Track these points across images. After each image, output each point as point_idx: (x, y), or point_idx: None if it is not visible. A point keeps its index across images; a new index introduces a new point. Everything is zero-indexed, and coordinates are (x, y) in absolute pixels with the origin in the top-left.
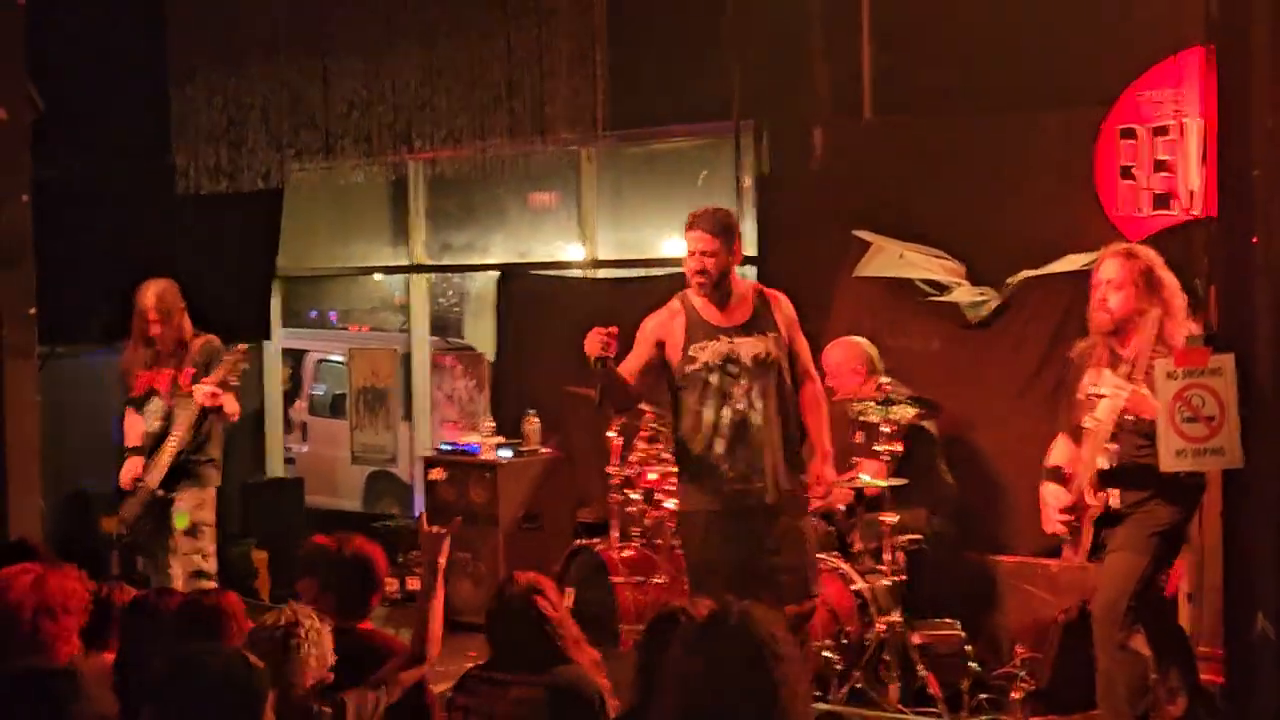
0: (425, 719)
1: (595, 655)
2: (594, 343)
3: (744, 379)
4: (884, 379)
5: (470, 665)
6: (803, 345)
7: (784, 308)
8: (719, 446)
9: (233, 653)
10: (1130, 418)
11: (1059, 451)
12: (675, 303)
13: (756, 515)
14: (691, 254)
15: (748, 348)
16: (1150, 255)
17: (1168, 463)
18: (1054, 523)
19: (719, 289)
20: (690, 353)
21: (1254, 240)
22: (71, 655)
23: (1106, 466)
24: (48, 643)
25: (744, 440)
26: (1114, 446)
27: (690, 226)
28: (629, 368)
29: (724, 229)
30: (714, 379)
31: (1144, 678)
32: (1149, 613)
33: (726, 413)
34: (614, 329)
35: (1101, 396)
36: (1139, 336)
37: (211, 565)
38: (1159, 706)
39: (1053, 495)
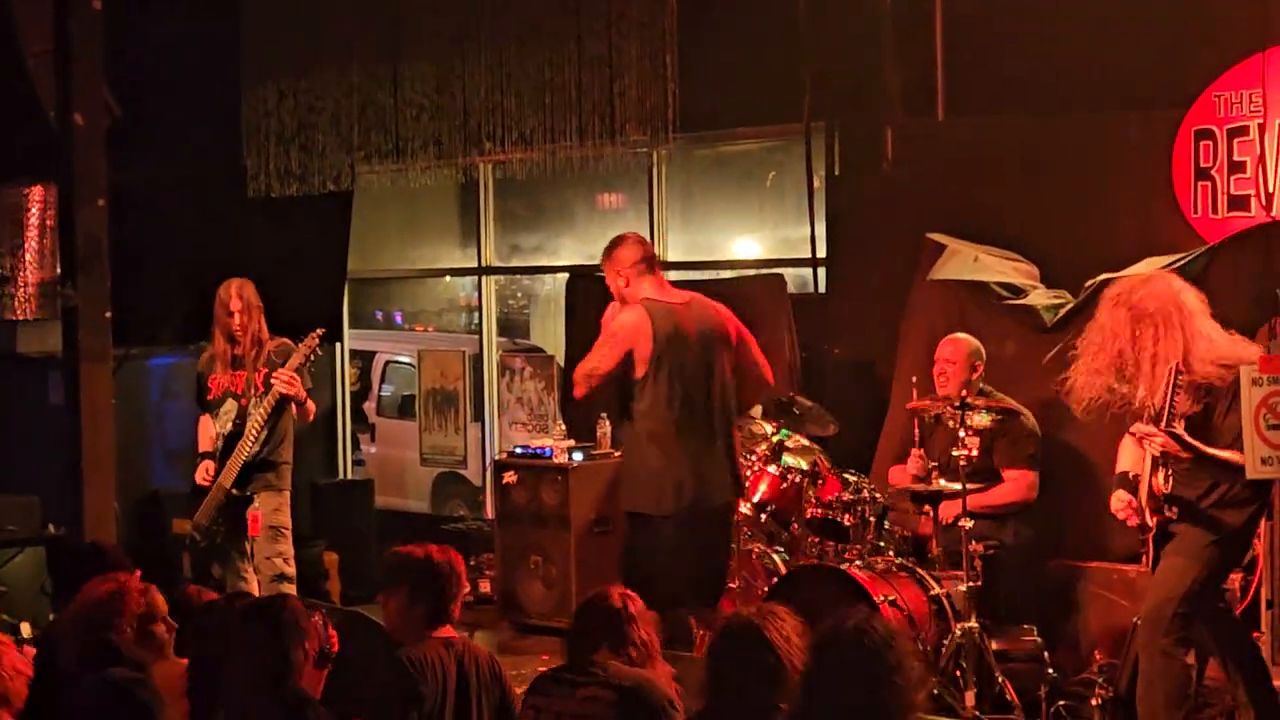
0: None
1: (669, 669)
2: None
3: None
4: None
5: (543, 668)
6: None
7: None
8: None
9: None
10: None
11: (1125, 455)
12: None
13: None
14: None
15: None
16: (1141, 292)
17: (1253, 470)
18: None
19: None
20: None
21: None
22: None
23: (1164, 490)
24: (135, 650)
25: None
26: (1167, 470)
27: None
28: None
29: (604, 254)
30: None
31: (1184, 686)
32: (1217, 626)
33: None
34: None
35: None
36: (1153, 382)
37: (292, 569)
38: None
39: (1116, 502)
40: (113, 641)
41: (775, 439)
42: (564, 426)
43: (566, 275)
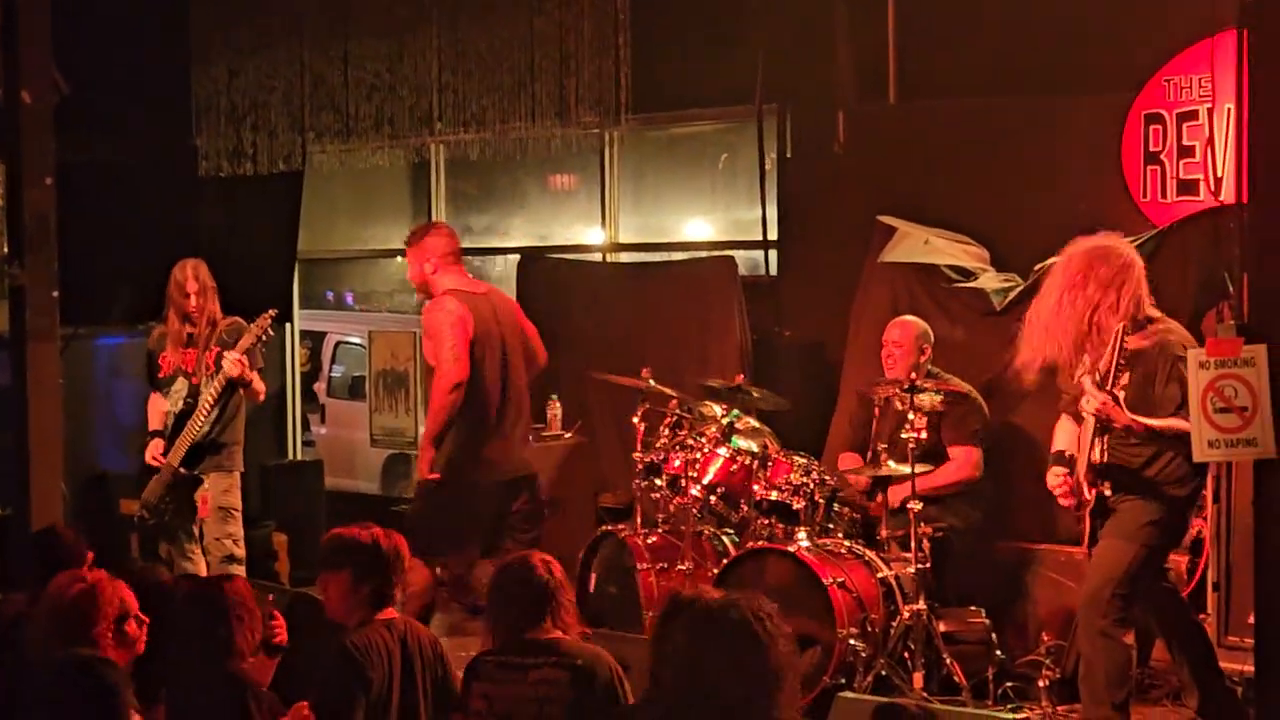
0: (455, 703)
1: (585, 630)
2: None
3: None
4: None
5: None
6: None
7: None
8: None
9: None
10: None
11: (1061, 435)
12: None
13: None
14: None
15: None
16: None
17: (1200, 453)
18: (1062, 499)
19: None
20: None
21: None
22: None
23: (1100, 460)
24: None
25: None
26: (1104, 441)
27: None
28: None
29: (412, 238)
30: None
31: (1125, 668)
32: (1161, 607)
33: None
34: None
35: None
36: (1103, 346)
37: (242, 550)
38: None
39: (1052, 477)
40: (91, 643)
41: (725, 421)
42: None
43: (518, 256)
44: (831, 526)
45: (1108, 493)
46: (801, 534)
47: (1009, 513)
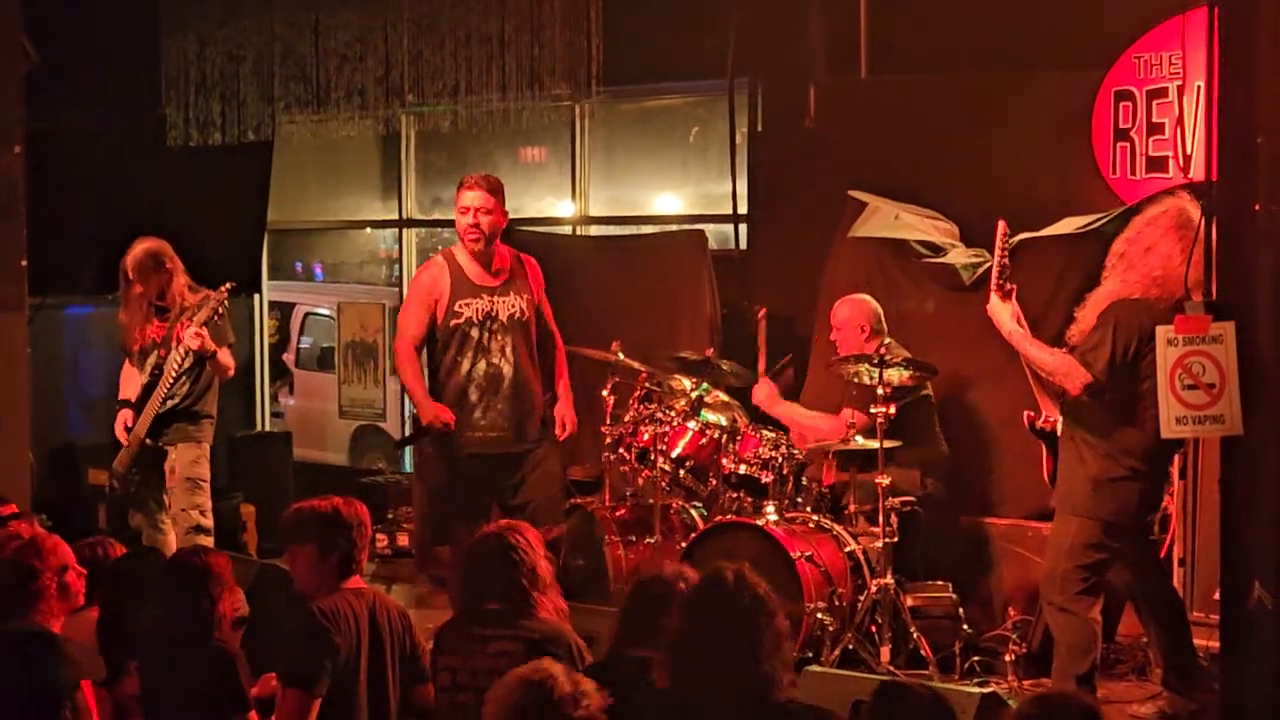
0: (421, 674)
1: (563, 605)
2: None
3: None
4: (886, 339)
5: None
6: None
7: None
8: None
9: None
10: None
11: None
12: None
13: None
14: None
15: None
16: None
17: (1168, 429)
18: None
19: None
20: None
21: (1256, 207)
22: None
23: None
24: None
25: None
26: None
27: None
28: None
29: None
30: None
31: (1088, 641)
32: (1140, 573)
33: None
34: None
35: None
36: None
37: (209, 520)
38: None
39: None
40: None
41: (694, 395)
42: None
43: None
44: (800, 500)
45: (1048, 426)
46: (770, 508)
47: (974, 487)
